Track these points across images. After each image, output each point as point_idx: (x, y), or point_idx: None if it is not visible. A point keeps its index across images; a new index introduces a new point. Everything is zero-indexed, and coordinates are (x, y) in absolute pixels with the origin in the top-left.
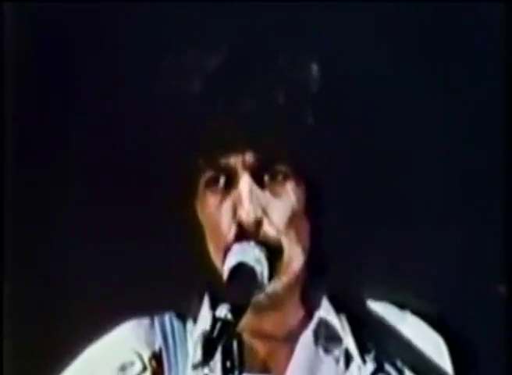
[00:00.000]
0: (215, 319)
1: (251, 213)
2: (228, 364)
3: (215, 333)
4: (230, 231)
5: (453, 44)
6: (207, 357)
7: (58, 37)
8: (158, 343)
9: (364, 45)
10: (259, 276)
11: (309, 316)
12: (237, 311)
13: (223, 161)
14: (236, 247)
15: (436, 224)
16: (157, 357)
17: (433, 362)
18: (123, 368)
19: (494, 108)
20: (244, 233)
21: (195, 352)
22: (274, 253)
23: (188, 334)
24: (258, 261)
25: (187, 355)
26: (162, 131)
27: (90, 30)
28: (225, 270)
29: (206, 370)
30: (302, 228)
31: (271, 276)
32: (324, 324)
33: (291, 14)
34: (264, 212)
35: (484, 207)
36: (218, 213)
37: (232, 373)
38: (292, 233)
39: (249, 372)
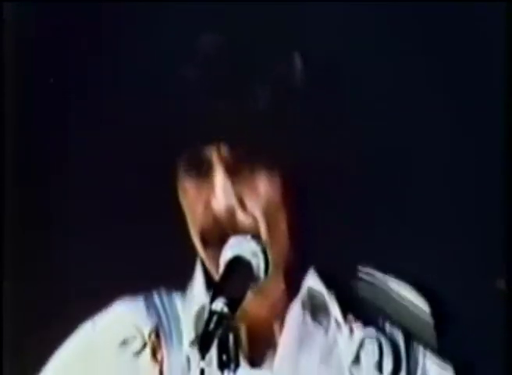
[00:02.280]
0: (211, 312)
1: (223, 202)
2: (224, 357)
3: (211, 326)
4: (205, 220)
5: (452, 44)
6: (203, 350)
7: (58, 37)
8: (155, 320)
9: (363, 45)
10: (255, 270)
11: (292, 287)
12: (233, 304)
13: (200, 151)
14: (232, 240)
15: (434, 218)
16: (155, 333)
17: (422, 320)
18: (125, 343)
19: (494, 108)
20: (219, 224)
21: (196, 327)
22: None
23: (179, 311)
24: (255, 254)
25: (181, 332)
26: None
27: (91, 29)
28: (221, 263)
29: (202, 364)
30: (280, 221)
31: (267, 270)
32: (311, 295)
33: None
34: (240, 202)
35: (484, 201)
36: (195, 201)
37: (229, 366)
38: (270, 225)
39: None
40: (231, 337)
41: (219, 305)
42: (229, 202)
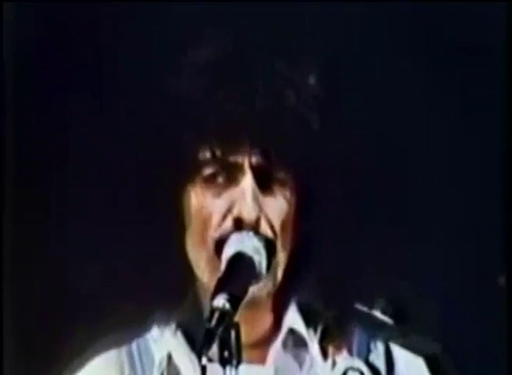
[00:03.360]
0: (212, 309)
1: (253, 210)
2: (226, 354)
3: (213, 322)
4: (224, 224)
5: (452, 44)
6: (205, 347)
7: (58, 36)
8: (127, 371)
9: (363, 45)
10: (257, 266)
11: (277, 322)
12: (235, 301)
13: (231, 158)
14: (234, 236)
15: (435, 216)
16: None
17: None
18: None
19: (494, 107)
20: (242, 228)
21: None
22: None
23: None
24: (257, 251)
25: None
26: (168, 128)
27: (90, 29)
28: (224, 260)
29: (204, 360)
30: (291, 234)
31: (269, 267)
32: (292, 333)
33: (292, 15)
34: (263, 212)
35: (483, 199)
36: (212, 207)
37: (230, 362)
38: (283, 238)
39: None
40: (233, 334)
41: (221, 301)
42: (257, 210)
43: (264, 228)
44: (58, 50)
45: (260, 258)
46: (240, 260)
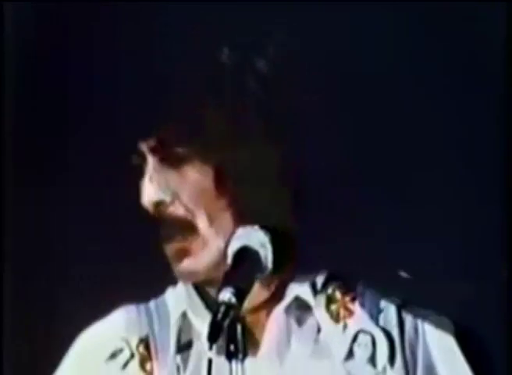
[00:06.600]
0: (218, 303)
1: (148, 195)
2: (232, 347)
3: (219, 316)
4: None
5: (452, 44)
6: (211, 340)
7: (58, 36)
8: (145, 329)
9: (363, 45)
10: (263, 260)
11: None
12: (241, 294)
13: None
14: (240, 230)
15: (437, 207)
16: (144, 343)
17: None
18: (113, 356)
19: (494, 107)
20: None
21: (176, 335)
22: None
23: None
24: (263, 245)
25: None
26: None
27: (90, 29)
28: (229, 254)
29: (210, 354)
30: (216, 209)
31: (274, 261)
32: (296, 300)
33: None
34: (173, 192)
35: (485, 190)
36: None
37: (236, 356)
38: (204, 214)
39: None
40: (239, 327)
41: (227, 295)
42: (157, 194)
43: (174, 208)
44: (58, 50)
45: (266, 252)
46: (246, 254)
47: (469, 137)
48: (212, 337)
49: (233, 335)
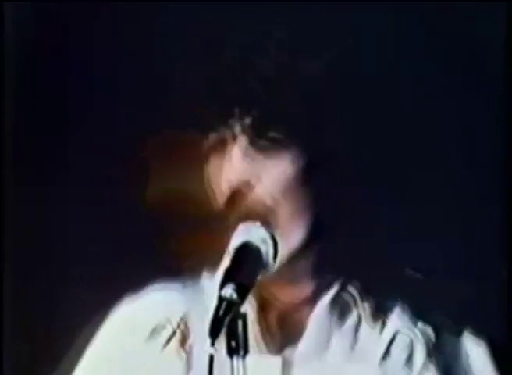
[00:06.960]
0: (220, 299)
1: (239, 173)
2: (233, 344)
3: (221, 312)
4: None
5: (452, 44)
6: (212, 336)
7: (58, 36)
8: (185, 307)
9: (363, 45)
10: (265, 256)
11: (319, 292)
12: (242, 291)
13: (225, 124)
14: (241, 227)
15: (437, 207)
16: (184, 321)
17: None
18: (154, 332)
19: (494, 107)
20: (234, 195)
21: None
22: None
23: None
24: (264, 241)
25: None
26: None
27: (90, 29)
28: (231, 250)
29: (211, 350)
30: (298, 200)
31: (276, 256)
32: (339, 298)
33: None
34: (258, 177)
35: (485, 190)
36: (219, 175)
37: (237, 352)
38: (287, 205)
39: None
40: (240, 324)
41: (229, 291)
42: (247, 173)
43: (259, 192)
44: (58, 50)
45: (267, 249)
46: (248, 250)
47: (469, 137)
48: (213, 334)
49: (234, 332)
